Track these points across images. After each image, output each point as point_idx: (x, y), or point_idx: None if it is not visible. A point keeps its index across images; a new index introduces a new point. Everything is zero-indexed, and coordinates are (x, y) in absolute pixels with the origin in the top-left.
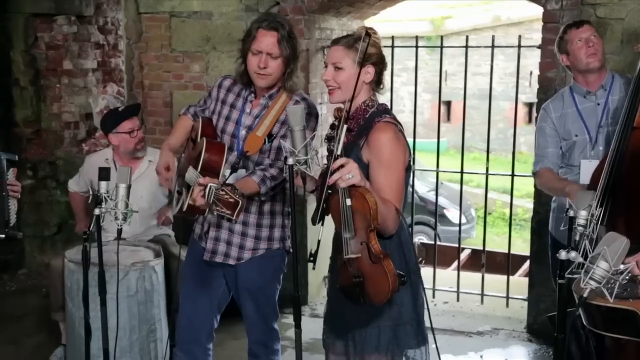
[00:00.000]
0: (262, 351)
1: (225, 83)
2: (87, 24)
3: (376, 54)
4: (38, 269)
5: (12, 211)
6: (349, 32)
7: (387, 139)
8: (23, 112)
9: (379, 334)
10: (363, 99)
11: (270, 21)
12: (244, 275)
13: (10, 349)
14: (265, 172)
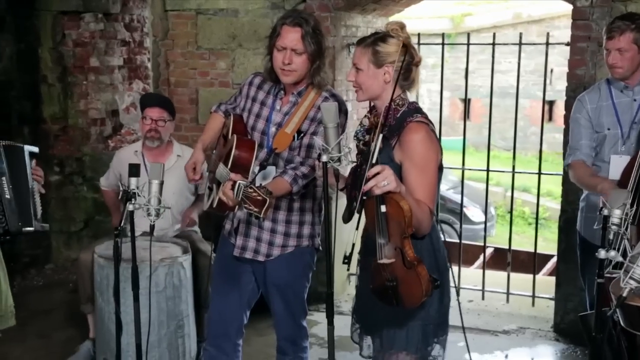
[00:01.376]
0: (291, 348)
1: (256, 80)
2: (114, 22)
3: (396, 52)
4: (64, 264)
5: (37, 203)
6: (374, 29)
7: (419, 139)
8: (50, 109)
9: (407, 333)
10: (390, 98)
11: (294, 17)
12: (272, 272)
13: (40, 342)
14: (297, 170)
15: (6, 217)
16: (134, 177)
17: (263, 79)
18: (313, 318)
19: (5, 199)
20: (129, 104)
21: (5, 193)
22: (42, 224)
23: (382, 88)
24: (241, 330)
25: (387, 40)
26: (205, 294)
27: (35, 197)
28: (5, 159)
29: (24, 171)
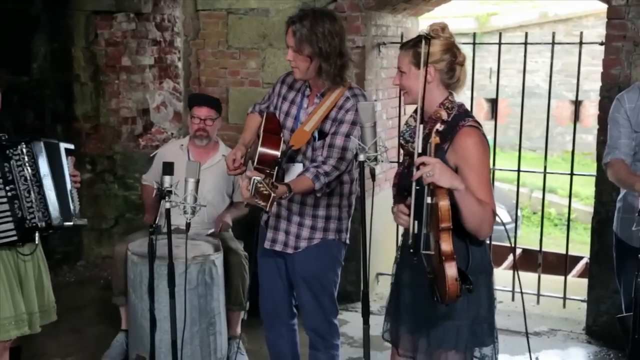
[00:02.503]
0: (322, 344)
1: (288, 79)
2: (145, 21)
3: (438, 53)
4: (95, 260)
5: (75, 199)
6: (404, 29)
7: (473, 143)
8: (83, 108)
9: (457, 332)
10: (439, 99)
11: (293, 16)
12: (299, 264)
13: (73, 337)
14: (319, 168)
15: (49, 210)
16: (167, 176)
17: (294, 78)
18: (342, 317)
19: (47, 194)
20: (160, 103)
21: (47, 188)
22: (80, 218)
23: (426, 89)
24: (292, 312)
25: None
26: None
27: (72, 192)
28: (46, 154)
29: (62, 167)
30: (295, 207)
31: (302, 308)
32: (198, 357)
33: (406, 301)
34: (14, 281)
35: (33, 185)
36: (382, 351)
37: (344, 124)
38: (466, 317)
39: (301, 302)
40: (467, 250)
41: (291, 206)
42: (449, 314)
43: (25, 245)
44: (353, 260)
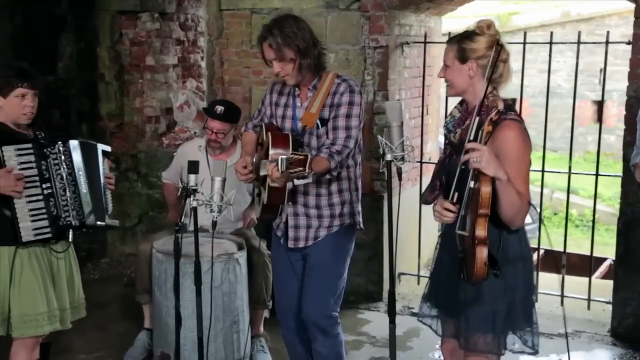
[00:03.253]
0: (322, 336)
1: (275, 87)
2: (169, 21)
3: (481, 49)
4: (119, 258)
5: (109, 200)
6: (427, 28)
7: (514, 136)
8: (107, 106)
9: (494, 316)
10: (481, 94)
11: (262, 33)
12: (315, 252)
13: (98, 334)
14: (330, 148)
15: (83, 209)
16: (193, 174)
17: (282, 84)
18: (364, 317)
19: (82, 193)
20: (183, 102)
21: (82, 186)
22: (112, 220)
23: (468, 83)
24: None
25: (473, 38)
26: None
27: (106, 194)
28: (81, 154)
29: (97, 168)
30: (311, 200)
31: (305, 299)
32: (222, 354)
33: (445, 285)
34: (47, 278)
35: (68, 184)
36: (405, 351)
37: (341, 106)
38: (502, 302)
39: (307, 292)
40: (500, 237)
41: (307, 200)
42: (486, 299)
43: (58, 243)
44: (375, 260)
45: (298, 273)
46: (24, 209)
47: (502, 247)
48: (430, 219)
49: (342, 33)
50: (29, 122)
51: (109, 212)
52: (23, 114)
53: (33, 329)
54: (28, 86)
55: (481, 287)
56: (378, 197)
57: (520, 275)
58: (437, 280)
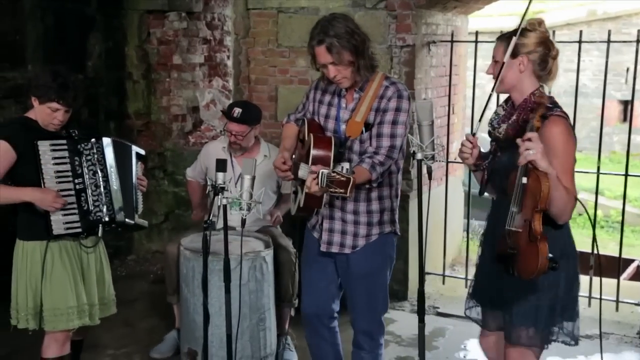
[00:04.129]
0: (369, 344)
1: (321, 84)
2: (196, 20)
3: (533, 44)
4: (145, 255)
5: (139, 200)
6: (454, 27)
7: (560, 132)
8: (135, 105)
9: (537, 311)
10: (530, 89)
11: (316, 36)
12: (356, 263)
13: (126, 330)
14: (373, 158)
15: (113, 206)
16: (221, 172)
17: (327, 81)
18: (389, 316)
19: (113, 190)
20: (209, 101)
21: (113, 184)
22: (141, 220)
23: (517, 78)
24: (334, 316)
25: (524, 34)
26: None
27: (137, 194)
28: (114, 152)
29: (130, 168)
30: (349, 205)
31: (353, 309)
32: (248, 352)
33: (489, 280)
34: (77, 272)
35: (100, 180)
36: (431, 351)
37: (388, 112)
38: (546, 297)
39: (353, 302)
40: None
41: (345, 205)
42: (530, 294)
43: (88, 238)
44: (400, 259)
45: (330, 277)
46: None
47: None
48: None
49: (368, 32)
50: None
51: (138, 212)
52: (51, 124)
53: (64, 323)
54: (63, 104)
55: (526, 283)
56: (404, 196)
57: (565, 271)
58: (481, 276)
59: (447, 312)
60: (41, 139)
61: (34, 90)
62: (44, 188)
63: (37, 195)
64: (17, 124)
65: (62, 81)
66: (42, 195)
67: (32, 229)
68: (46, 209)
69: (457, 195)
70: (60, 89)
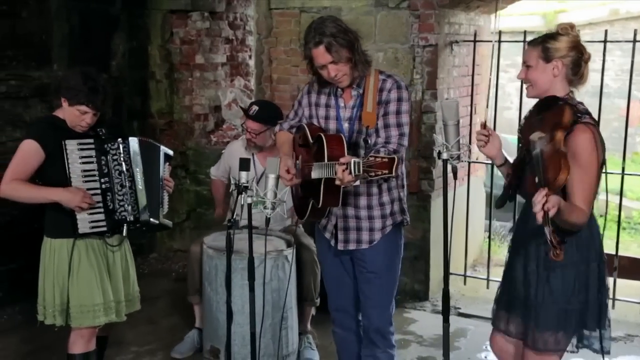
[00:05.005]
0: (381, 341)
1: (314, 87)
2: (219, 20)
3: (565, 48)
4: (167, 254)
5: (165, 201)
6: (477, 27)
7: (586, 140)
8: (157, 104)
9: (566, 316)
10: (560, 94)
11: (312, 38)
12: (373, 257)
13: (149, 327)
14: (386, 147)
15: (138, 205)
16: (244, 172)
17: (319, 83)
18: (410, 316)
19: (138, 189)
20: (231, 100)
21: (139, 183)
22: (166, 220)
23: (550, 83)
24: (359, 306)
25: (556, 38)
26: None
27: (163, 194)
28: (140, 152)
29: (157, 168)
30: (362, 200)
31: (367, 305)
32: (270, 350)
33: (516, 286)
34: (103, 270)
35: (126, 179)
36: (453, 351)
37: (390, 103)
38: (576, 301)
39: (368, 300)
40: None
41: (357, 201)
42: (559, 299)
43: (113, 237)
44: (421, 259)
45: (350, 272)
46: None
47: (577, 245)
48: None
49: (391, 32)
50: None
51: (163, 213)
52: (79, 125)
53: (90, 320)
54: (92, 108)
55: (555, 287)
56: (425, 196)
57: (594, 275)
58: (508, 282)
59: (469, 312)
60: (69, 138)
61: (64, 91)
62: (72, 188)
63: (65, 195)
64: (46, 124)
65: (93, 85)
66: (70, 195)
67: (59, 227)
68: (74, 208)
69: (478, 195)
70: (90, 93)
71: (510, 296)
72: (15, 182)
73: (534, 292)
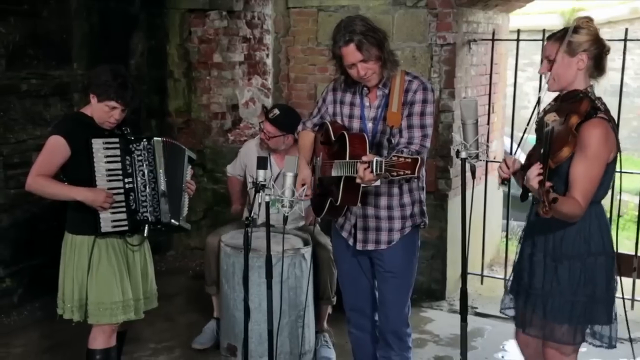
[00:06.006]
0: (397, 344)
1: (337, 86)
2: (237, 19)
3: (588, 42)
4: (184, 251)
5: (185, 204)
6: (495, 25)
7: (596, 134)
8: (175, 103)
9: (572, 308)
10: (580, 87)
11: (342, 37)
12: (391, 258)
13: (166, 324)
14: (409, 148)
15: (160, 207)
16: (262, 170)
17: (346, 82)
18: (427, 315)
19: (161, 191)
20: (248, 99)
21: (161, 185)
22: (185, 222)
23: (574, 76)
24: (375, 307)
25: (578, 32)
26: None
27: (184, 197)
28: (163, 154)
29: (181, 171)
30: (382, 201)
31: (383, 306)
32: (287, 348)
33: (523, 274)
34: (123, 268)
35: (149, 180)
36: (470, 350)
37: (415, 104)
38: (582, 294)
39: (385, 300)
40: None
41: (378, 201)
42: (566, 291)
43: (134, 236)
44: (438, 259)
45: (367, 272)
46: None
47: (585, 238)
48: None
49: (408, 30)
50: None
51: (183, 215)
52: (107, 122)
53: (107, 317)
54: (121, 103)
55: (562, 278)
56: (442, 195)
57: (602, 269)
58: (519, 271)
59: (486, 312)
60: (95, 135)
61: (94, 88)
62: (96, 188)
63: (89, 196)
64: (73, 121)
65: (122, 81)
66: (93, 196)
67: (81, 225)
68: (96, 208)
69: (496, 195)
70: (120, 88)
71: (518, 285)
72: (41, 178)
73: (539, 282)
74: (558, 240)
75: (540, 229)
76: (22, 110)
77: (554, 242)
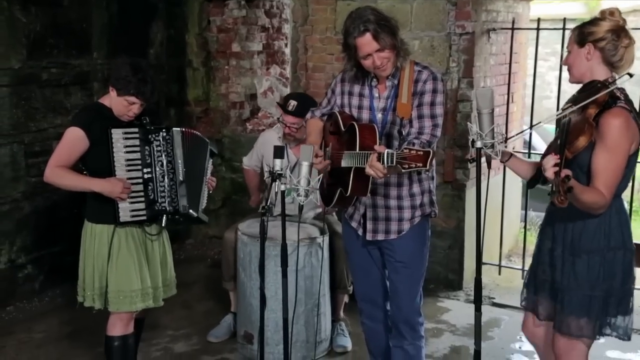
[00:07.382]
0: (410, 333)
1: (346, 76)
2: (255, 8)
3: (599, 32)
4: (203, 240)
5: (204, 196)
6: (515, 14)
7: (617, 124)
8: (194, 92)
9: (590, 302)
10: (600, 78)
11: (356, 28)
12: (402, 247)
13: (184, 312)
14: (420, 138)
15: (178, 197)
16: (278, 159)
17: (353, 73)
18: (444, 305)
19: (179, 180)
20: (267, 88)
21: (180, 175)
22: (203, 215)
23: (586, 67)
24: (387, 297)
25: (594, 22)
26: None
27: (204, 190)
28: (182, 144)
29: (202, 163)
30: (392, 191)
31: (395, 296)
32: (303, 336)
33: (544, 269)
34: (142, 257)
35: (168, 171)
36: (486, 341)
37: (425, 94)
38: (600, 288)
39: (396, 290)
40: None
41: (388, 191)
42: (584, 285)
43: (152, 226)
44: (455, 249)
45: (377, 262)
46: None
47: (605, 232)
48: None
49: (427, 19)
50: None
51: (202, 207)
52: (126, 115)
53: (127, 305)
54: (141, 99)
55: (580, 273)
56: (460, 185)
57: (620, 263)
58: (537, 265)
59: (503, 302)
60: (114, 127)
61: (114, 81)
62: (113, 179)
63: (106, 186)
64: (92, 112)
65: (142, 76)
66: (111, 187)
67: (100, 214)
68: (114, 198)
69: (514, 185)
70: (140, 84)
71: (539, 279)
72: (59, 169)
73: (559, 276)
74: (577, 233)
75: (560, 220)
76: (42, 99)
77: (573, 235)
